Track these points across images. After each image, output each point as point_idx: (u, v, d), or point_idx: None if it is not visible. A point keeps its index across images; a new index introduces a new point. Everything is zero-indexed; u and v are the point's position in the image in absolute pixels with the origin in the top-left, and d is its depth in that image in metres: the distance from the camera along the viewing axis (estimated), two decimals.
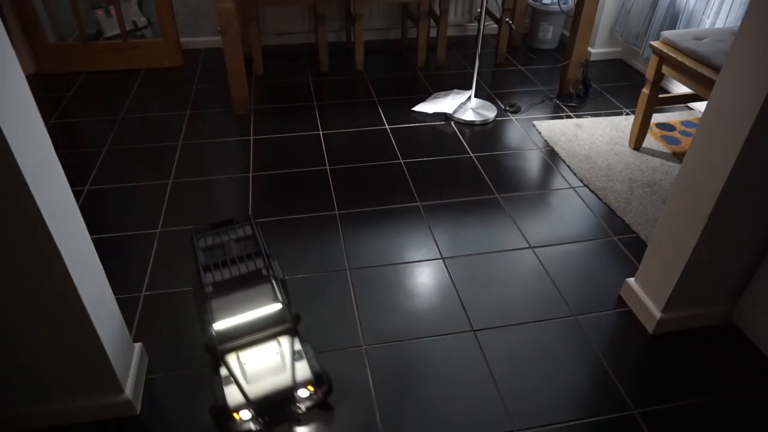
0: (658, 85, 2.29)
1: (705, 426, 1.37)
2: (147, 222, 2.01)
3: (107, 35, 3.33)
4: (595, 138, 2.54)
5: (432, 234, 1.97)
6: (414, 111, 2.79)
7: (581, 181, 2.26)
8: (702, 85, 2.03)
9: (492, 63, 3.36)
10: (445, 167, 2.35)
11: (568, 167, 2.35)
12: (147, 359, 1.49)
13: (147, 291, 1.72)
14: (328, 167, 2.34)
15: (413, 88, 3.05)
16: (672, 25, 2.84)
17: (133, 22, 3.33)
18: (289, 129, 2.62)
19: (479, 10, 2.60)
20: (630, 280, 1.70)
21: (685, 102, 2.55)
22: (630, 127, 2.56)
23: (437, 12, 3.23)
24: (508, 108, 2.83)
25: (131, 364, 1.40)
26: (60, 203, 1.08)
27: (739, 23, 1.29)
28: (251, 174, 2.29)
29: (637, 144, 2.45)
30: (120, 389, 1.32)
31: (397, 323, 1.62)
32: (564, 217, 2.06)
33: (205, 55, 3.40)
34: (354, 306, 1.68)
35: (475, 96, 2.82)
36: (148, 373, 1.47)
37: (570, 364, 1.51)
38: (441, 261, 1.85)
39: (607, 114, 2.79)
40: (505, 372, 1.48)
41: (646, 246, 1.75)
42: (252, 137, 2.55)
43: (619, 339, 1.59)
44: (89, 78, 3.11)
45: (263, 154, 2.43)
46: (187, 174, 2.29)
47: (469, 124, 2.69)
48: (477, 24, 3.28)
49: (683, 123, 2.67)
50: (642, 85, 2.35)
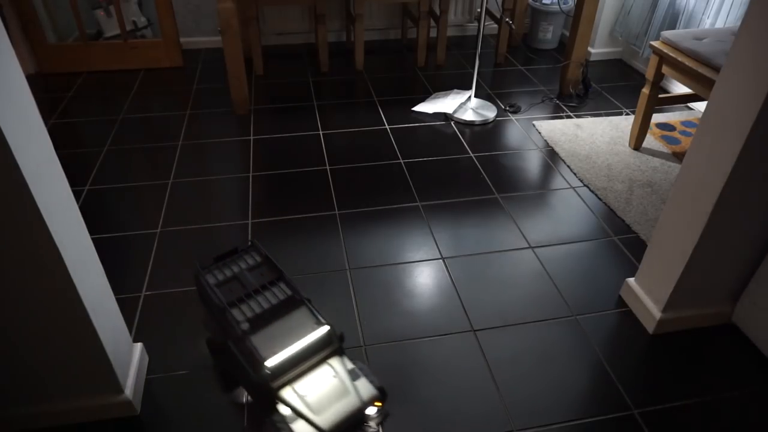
0: (658, 85, 2.29)
1: (705, 426, 1.37)
2: (147, 222, 2.01)
3: (107, 35, 3.33)
4: (595, 138, 2.54)
5: (432, 234, 1.97)
6: (414, 111, 2.79)
7: (581, 181, 2.26)
8: (702, 85, 2.03)
9: (492, 63, 3.36)
10: (445, 167, 2.35)
11: (568, 167, 2.35)
12: (147, 359, 1.49)
13: (147, 291, 1.72)
14: (328, 167, 2.34)
15: (413, 88, 3.05)
16: (672, 25, 2.84)
17: (133, 22, 3.33)
18: (289, 129, 2.62)
19: (479, 10, 2.60)
20: (630, 280, 1.70)
21: (685, 102, 2.55)
22: (630, 127, 2.56)
23: (437, 12, 3.23)
24: (508, 108, 2.83)
25: (131, 364, 1.40)
26: (60, 203, 1.08)
27: (739, 23, 1.29)
28: (251, 174, 2.29)
29: (637, 144, 2.45)
30: (120, 389, 1.32)
31: (397, 323, 1.62)
32: (564, 217, 2.06)
33: (205, 55, 3.40)
34: (354, 306, 1.68)
35: (475, 96, 2.82)
36: (148, 373, 1.47)
37: (570, 364, 1.51)
38: (441, 261, 1.85)
39: (607, 114, 2.79)
40: (505, 372, 1.48)
41: (646, 246, 1.75)
42: (252, 137, 2.55)
43: (619, 339, 1.59)
44: (89, 78, 3.11)
45: (263, 154, 2.43)
46: (187, 174, 2.29)
47: (469, 124, 2.69)
48: (477, 24, 3.28)
49: (683, 123, 2.67)
50: (642, 85, 2.35)
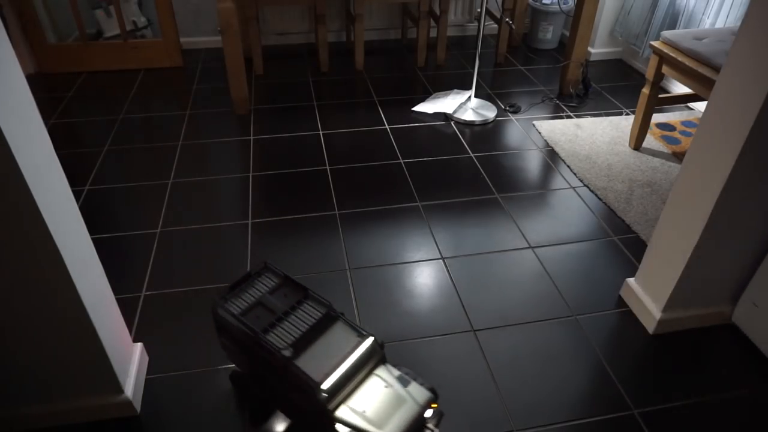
0: (658, 85, 2.29)
1: (705, 426, 1.37)
2: (147, 222, 2.01)
3: (107, 35, 3.33)
4: (595, 138, 2.54)
5: (432, 234, 1.97)
6: (414, 111, 2.79)
7: (581, 181, 2.26)
8: (702, 85, 2.03)
9: (492, 63, 3.36)
10: (445, 167, 2.35)
11: (568, 167, 2.35)
12: (147, 359, 1.49)
13: (147, 291, 1.72)
14: (328, 167, 2.34)
15: (413, 88, 3.05)
16: (672, 25, 2.84)
17: (133, 22, 3.33)
18: (289, 129, 2.62)
19: (479, 10, 2.61)
20: (630, 280, 1.70)
21: (685, 102, 2.55)
22: (630, 127, 2.56)
23: (437, 12, 3.23)
24: (508, 108, 2.83)
25: (131, 364, 1.40)
26: (60, 203, 1.08)
27: (739, 23, 1.29)
28: (251, 174, 2.29)
29: (637, 144, 2.45)
30: (120, 389, 1.32)
31: (397, 323, 1.62)
32: (564, 217, 2.06)
33: (205, 55, 3.40)
34: (354, 306, 1.68)
35: (475, 96, 2.82)
36: (148, 373, 1.47)
37: (570, 364, 1.51)
38: (441, 261, 1.85)
39: (607, 114, 2.79)
40: (505, 372, 1.48)
41: (646, 246, 1.75)
42: (252, 137, 2.55)
43: (619, 339, 1.59)
44: (89, 78, 3.11)
45: (263, 154, 2.43)
46: (187, 174, 2.29)
47: (469, 124, 2.69)
48: (477, 24, 3.28)
49: (683, 123, 2.67)
50: (642, 85, 2.35)
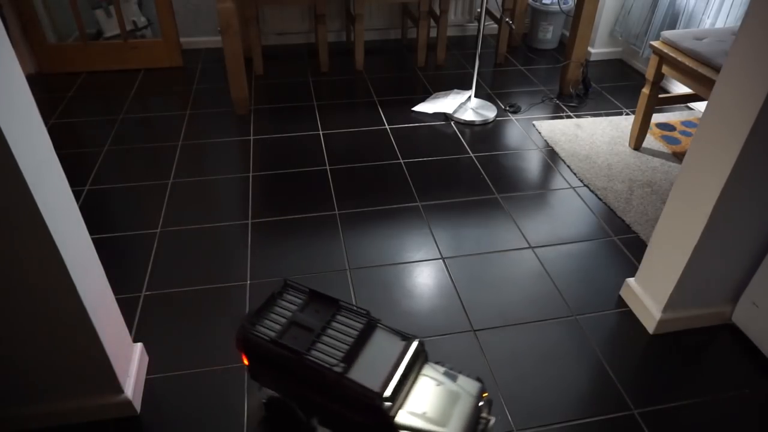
0: (658, 85, 2.29)
1: (705, 426, 1.37)
2: (147, 222, 2.01)
3: (107, 35, 3.33)
4: (595, 138, 2.54)
5: (432, 234, 1.97)
6: (414, 111, 2.79)
7: (581, 181, 2.26)
8: (702, 85, 2.03)
9: (492, 63, 3.36)
10: (445, 167, 2.35)
11: (568, 167, 2.35)
12: (147, 359, 1.49)
13: (147, 291, 1.72)
14: (328, 167, 2.34)
15: (413, 88, 3.05)
16: (672, 25, 2.84)
17: (133, 22, 3.33)
18: (289, 129, 2.62)
19: (479, 10, 2.61)
20: (630, 280, 1.70)
21: (685, 102, 2.55)
22: (630, 127, 2.56)
23: (437, 12, 3.23)
24: (508, 108, 2.83)
25: (131, 364, 1.40)
26: (60, 203, 1.08)
27: (739, 23, 1.29)
28: (251, 174, 2.29)
29: (637, 144, 2.45)
30: (120, 389, 1.32)
31: (397, 323, 1.62)
32: (564, 217, 2.06)
33: (205, 55, 3.40)
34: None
35: (475, 96, 2.82)
36: (148, 373, 1.47)
37: (570, 364, 1.51)
38: (441, 261, 1.85)
39: (607, 114, 2.79)
40: (505, 372, 1.48)
41: (646, 246, 1.75)
42: (252, 137, 2.55)
43: (619, 339, 1.59)
44: (89, 78, 3.11)
45: (263, 154, 2.43)
46: (187, 174, 2.29)
47: (469, 124, 2.69)
48: (477, 24, 3.28)
49: (683, 123, 2.67)
50: (642, 85, 2.35)
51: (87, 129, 2.63)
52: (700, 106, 2.81)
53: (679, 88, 2.90)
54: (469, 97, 2.82)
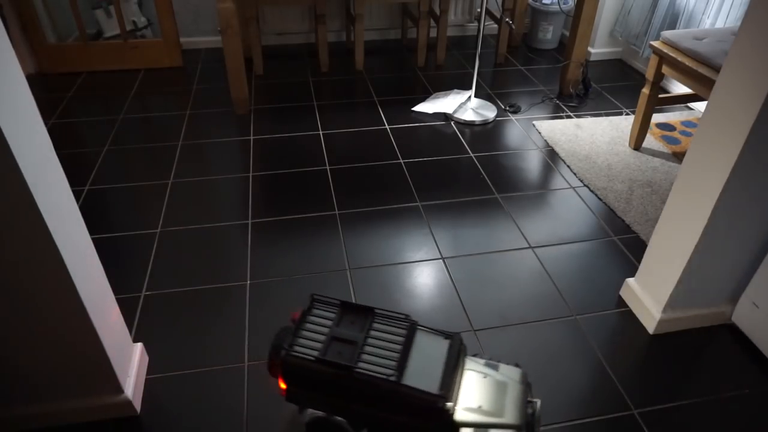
0: (658, 85, 2.29)
1: (705, 426, 1.37)
2: (147, 222, 2.01)
3: (107, 35, 3.33)
4: (595, 138, 2.54)
5: (432, 234, 1.97)
6: (414, 111, 2.79)
7: (581, 181, 2.26)
8: (702, 85, 2.03)
9: (492, 63, 3.36)
10: (445, 167, 2.35)
11: (568, 167, 2.35)
12: (147, 359, 1.49)
13: (147, 291, 1.72)
14: (328, 167, 2.34)
15: (413, 88, 3.05)
16: (672, 25, 2.84)
17: (133, 22, 3.33)
18: (289, 129, 2.62)
19: (479, 10, 2.61)
20: (630, 280, 1.70)
21: (685, 102, 2.56)
22: (630, 127, 2.56)
23: (437, 12, 3.23)
24: (508, 108, 2.83)
25: (131, 364, 1.40)
26: (60, 203, 1.08)
27: (739, 23, 1.29)
28: (251, 174, 2.29)
29: (637, 144, 2.45)
30: (120, 389, 1.32)
31: None
32: (564, 217, 2.06)
33: (205, 55, 3.40)
34: None
35: (475, 96, 2.82)
36: (148, 373, 1.47)
37: (570, 364, 1.51)
38: (441, 261, 1.85)
39: (607, 114, 2.79)
40: None
41: (646, 246, 1.75)
42: (252, 137, 2.55)
43: (619, 339, 1.59)
44: (89, 78, 3.11)
45: (263, 154, 2.43)
46: (187, 174, 2.29)
47: (469, 124, 2.69)
48: (477, 24, 3.28)
49: (683, 123, 2.67)
50: (642, 85, 2.35)
51: (87, 129, 2.63)
52: (700, 106, 2.81)
53: (679, 88, 2.90)
54: (469, 97, 2.82)
